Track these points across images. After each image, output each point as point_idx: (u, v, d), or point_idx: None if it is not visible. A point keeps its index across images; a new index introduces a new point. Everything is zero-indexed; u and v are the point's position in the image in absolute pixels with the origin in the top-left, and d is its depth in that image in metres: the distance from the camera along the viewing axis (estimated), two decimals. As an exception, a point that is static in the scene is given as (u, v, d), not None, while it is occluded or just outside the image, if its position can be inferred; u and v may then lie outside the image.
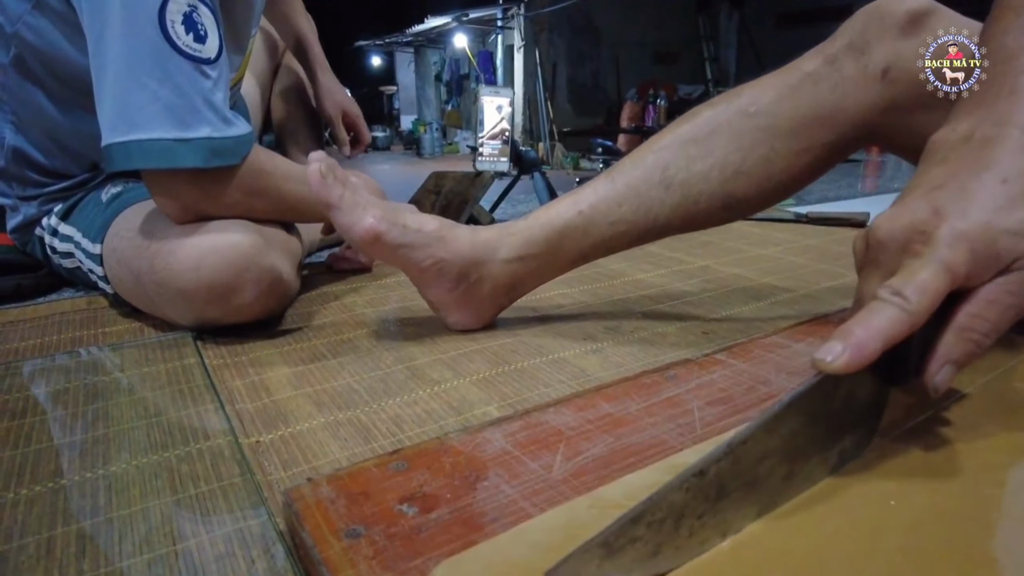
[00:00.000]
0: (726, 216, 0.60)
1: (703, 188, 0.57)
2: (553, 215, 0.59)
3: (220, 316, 0.60)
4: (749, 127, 0.56)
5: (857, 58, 0.53)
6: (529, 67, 7.91)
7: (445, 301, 0.61)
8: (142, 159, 0.56)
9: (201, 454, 0.42)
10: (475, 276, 0.59)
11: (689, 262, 0.90)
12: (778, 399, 0.39)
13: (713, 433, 0.37)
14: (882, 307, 0.29)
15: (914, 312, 0.29)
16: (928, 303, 0.29)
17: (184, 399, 0.50)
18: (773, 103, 0.56)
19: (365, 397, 0.50)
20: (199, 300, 0.58)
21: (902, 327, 0.29)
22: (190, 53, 0.57)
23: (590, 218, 0.58)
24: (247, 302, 0.60)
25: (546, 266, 0.61)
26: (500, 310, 0.64)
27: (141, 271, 0.60)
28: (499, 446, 0.36)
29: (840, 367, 0.28)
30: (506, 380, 0.52)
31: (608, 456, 0.35)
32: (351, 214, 0.55)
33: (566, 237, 0.59)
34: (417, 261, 0.57)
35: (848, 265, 0.87)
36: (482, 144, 1.07)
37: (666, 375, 0.46)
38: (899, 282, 0.30)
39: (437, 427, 0.45)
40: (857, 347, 0.28)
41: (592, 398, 0.42)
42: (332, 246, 0.99)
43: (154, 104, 0.55)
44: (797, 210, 1.28)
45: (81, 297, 0.76)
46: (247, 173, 0.62)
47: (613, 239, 0.59)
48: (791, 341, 0.52)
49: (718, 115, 0.57)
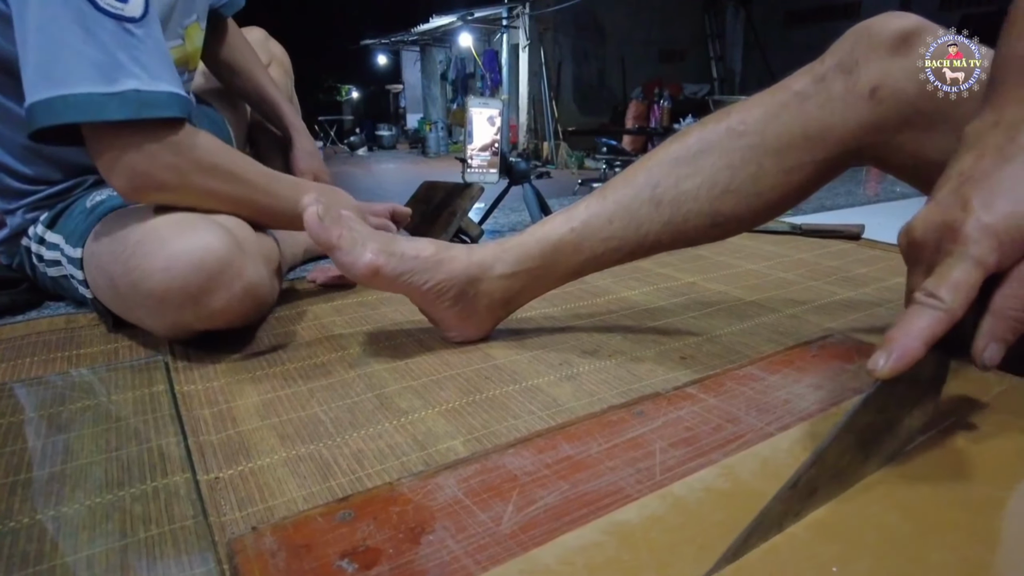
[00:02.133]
0: (716, 233, 0.60)
1: (692, 206, 0.58)
2: (547, 231, 0.61)
3: (193, 321, 0.60)
4: (738, 146, 0.56)
5: (845, 77, 0.53)
6: (534, 66, 7.89)
7: (445, 317, 0.63)
8: (67, 113, 0.54)
9: (157, 493, 0.41)
10: (472, 293, 0.61)
11: (677, 278, 0.88)
12: (745, 440, 0.39)
13: (673, 479, 0.36)
14: (920, 310, 0.33)
15: (950, 309, 0.32)
16: (963, 298, 0.32)
17: (148, 431, 0.49)
18: (761, 122, 0.56)
19: (330, 429, 0.49)
20: (171, 303, 0.57)
21: (941, 325, 0.32)
22: (112, 11, 0.55)
23: (582, 234, 0.60)
24: (219, 307, 0.59)
25: (540, 280, 0.63)
26: (497, 322, 0.66)
27: (115, 274, 0.60)
28: (450, 494, 0.35)
29: (887, 373, 0.32)
30: (475, 410, 0.52)
31: (561, 506, 0.34)
32: (351, 253, 0.56)
33: (559, 253, 0.60)
34: (417, 286, 0.59)
35: (838, 282, 0.86)
36: (471, 155, 1.06)
37: (634, 411, 0.45)
38: (933, 284, 0.33)
39: (399, 463, 0.44)
40: (900, 353, 0.32)
41: (554, 438, 0.41)
42: (317, 259, 0.99)
43: (78, 61, 0.54)
44: (792, 220, 1.26)
45: (60, 316, 0.75)
46: (190, 140, 0.60)
47: (605, 255, 0.61)
48: (766, 373, 0.51)
49: (707, 135, 0.58)
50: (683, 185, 0.57)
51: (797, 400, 0.46)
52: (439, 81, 10.90)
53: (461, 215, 1.05)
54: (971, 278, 0.32)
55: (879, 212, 1.42)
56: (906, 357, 0.32)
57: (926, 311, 0.33)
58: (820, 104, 0.54)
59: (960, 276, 0.32)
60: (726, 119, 0.58)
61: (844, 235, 1.14)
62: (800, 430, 0.40)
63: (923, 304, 0.33)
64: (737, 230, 0.61)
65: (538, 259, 0.61)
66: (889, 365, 0.32)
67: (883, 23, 0.53)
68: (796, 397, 0.47)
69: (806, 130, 0.54)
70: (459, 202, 1.07)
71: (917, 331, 0.32)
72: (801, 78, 0.56)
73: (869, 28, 0.53)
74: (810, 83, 0.55)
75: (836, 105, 0.53)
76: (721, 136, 0.57)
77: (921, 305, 0.33)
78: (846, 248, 1.07)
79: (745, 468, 0.35)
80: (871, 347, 0.57)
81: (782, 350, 0.56)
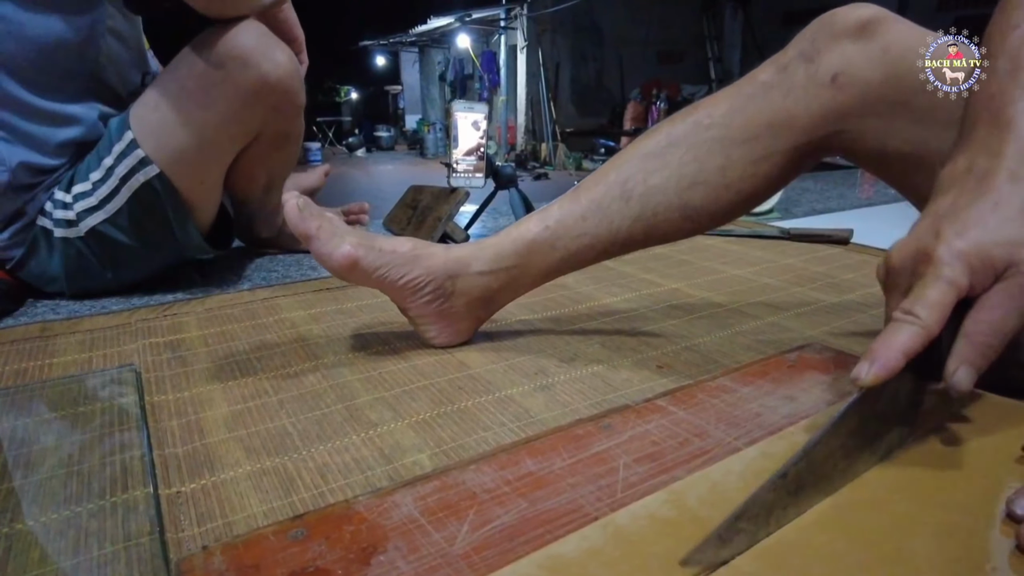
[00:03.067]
0: (688, 227, 0.61)
1: (661, 199, 0.59)
2: (522, 230, 0.62)
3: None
4: (705, 138, 0.58)
5: (807, 66, 0.55)
6: (532, 67, 7.89)
7: (424, 315, 0.63)
8: None
9: (115, 508, 0.41)
10: (450, 290, 0.61)
11: (660, 284, 0.88)
12: (711, 455, 0.38)
13: (633, 497, 0.36)
14: (898, 327, 0.35)
15: (926, 326, 0.34)
16: (937, 316, 0.34)
17: (113, 443, 0.48)
18: (727, 114, 0.58)
19: (297, 442, 0.48)
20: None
21: (918, 340, 0.34)
22: None
23: (556, 232, 0.61)
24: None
25: (517, 280, 0.63)
26: (479, 324, 0.66)
27: (195, 89, 0.79)
28: (406, 512, 0.35)
29: (870, 381, 0.34)
30: (446, 422, 0.51)
31: (517, 525, 0.34)
32: (329, 243, 0.57)
33: (534, 251, 0.62)
34: (392, 280, 0.60)
35: (823, 288, 0.86)
36: (457, 160, 1.06)
37: (601, 424, 0.44)
38: (909, 303, 0.35)
39: (362, 478, 0.44)
40: (882, 363, 0.34)
41: (518, 453, 0.41)
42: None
43: None
44: (782, 224, 1.26)
45: (36, 323, 0.75)
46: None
47: (580, 252, 0.62)
48: (739, 385, 0.50)
49: (675, 129, 0.60)
50: (651, 180, 0.59)
51: (768, 413, 0.46)
52: (437, 82, 10.89)
53: (446, 220, 1.05)
54: (945, 298, 0.35)
55: (870, 215, 1.41)
56: (887, 367, 0.34)
57: (904, 327, 0.35)
58: (784, 93, 0.55)
59: (934, 295, 0.35)
60: (693, 113, 0.60)
61: (833, 240, 1.13)
62: (756, 450, 0.40)
63: (902, 321, 0.35)
64: (710, 224, 0.61)
65: (514, 257, 0.62)
66: (872, 373, 0.34)
67: (845, 13, 0.54)
68: (767, 410, 0.46)
69: (771, 119, 0.56)
70: (444, 207, 1.06)
71: (897, 344, 0.34)
72: (766, 68, 0.58)
73: (831, 17, 0.55)
74: (774, 73, 0.57)
75: (799, 93, 0.55)
76: (688, 130, 0.59)
77: (900, 322, 0.35)
78: (834, 253, 1.07)
79: (693, 493, 0.35)
80: (849, 357, 0.56)
81: (757, 360, 0.56)
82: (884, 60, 0.52)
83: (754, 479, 0.35)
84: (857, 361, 0.35)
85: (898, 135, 0.53)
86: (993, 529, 0.31)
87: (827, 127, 0.55)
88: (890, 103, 0.52)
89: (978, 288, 0.35)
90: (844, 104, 0.54)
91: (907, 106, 0.52)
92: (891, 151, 0.54)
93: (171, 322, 0.74)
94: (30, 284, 0.83)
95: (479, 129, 1.07)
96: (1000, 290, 0.35)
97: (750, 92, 0.57)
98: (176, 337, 0.70)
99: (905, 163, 0.54)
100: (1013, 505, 0.31)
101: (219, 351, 0.66)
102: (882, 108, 0.53)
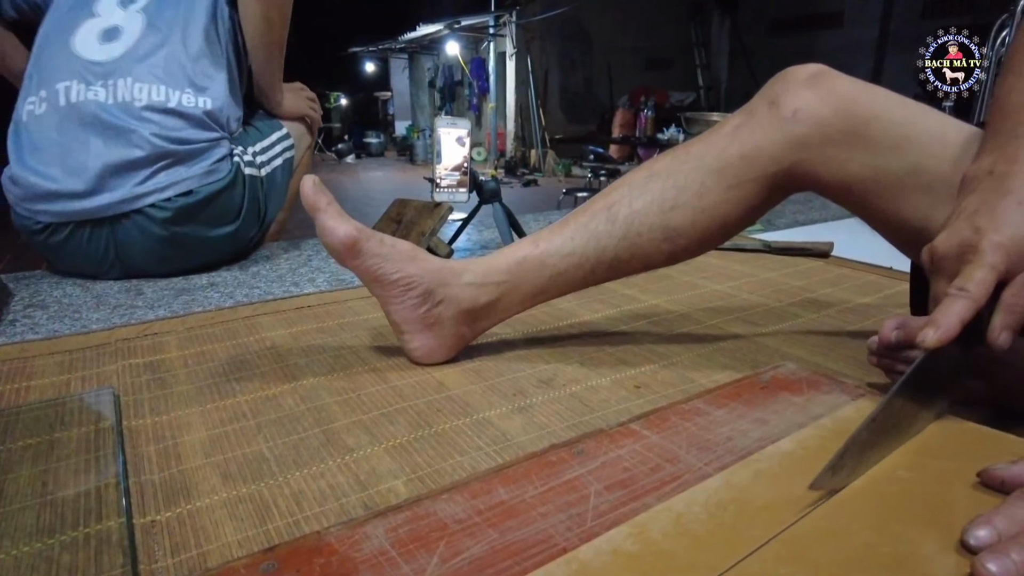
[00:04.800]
0: (668, 248, 0.65)
1: (644, 220, 0.64)
2: (513, 249, 0.67)
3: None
4: (683, 169, 0.64)
5: (771, 107, 0.62)
6: (521, 74, 7.92)
7: (410, 320, 0.63)
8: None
9: (88, 539, 0.41)
10: (439, 297, 0.63)
11: (641, 300, 0.89)
12: (682, 481, 0.39)
13: (603, 526, 0.36)
14: (954, 300, 0.42)
15: (976, 299, 0.42)
16: (984, 292, 0.42)
17: (89, 471, 0.48)
18: (703, 149, 0.64)
19: (274, 468, 0.49)
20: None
21: (969, 310, 0.42)
22: None
23: (546, 250, 0.65)
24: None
25: (506, 295, 0.66)
26: (461, 343, 0.67)
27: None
28: (377, 544, 0.35)
29: (933, 343, 0.41)
30: (423, 446, 0.51)
31: (486, 557, 0.34)
32: (335, 219, 0.60)
33: (524, 268, 0.65)
34: (387, 273, 0.61)
35: (801, 305, 0.87)
36: (441, 176, 1.06)
37: (575, 450, 0.45)
38: (962, 281, 0.43)
39: (337, 505, 0.44)
40: (945, 328, 0.41)
41: (490, 482, 0.41)
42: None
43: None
44: (764, 237, 1.27)
45: (15, 344, 0.74)
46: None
47: (568, 271, 0.65)
48: (712, 407, 0.51)
49: (656, 165, 0.66)
50: (635, 204, 0.64)
51: (740, 437, 0.46)
52: (427, 88, 10.90)
53: (430, 234, 1.05)
54: (989, 277, 0.42)
55: (851, 227, 1.43)
56: (949, 331, 0.41)
57: (959, 300, 0.42)
58: (751, 130, 0.63)
59: (981, 276, 0.42)
60: (671, 153, 0.67)
61: (813, 253, 1.14)
62: (720, 479, 0.40)
63: (955, 296, 0.42)
64: (688, 247, 0.65)
65: (504, 273, 0.65)
66: (936, 336, 0.41)
67: (798, 69, 0.63)
68: (739, 434, 0.47)
69: (742, 152, 0.62)
70: (428, 221, 1.07)
71: (954, 312, 0.41)
72: (736, 116, 0.65)
73: (787, 73, 0.64)
74: (743, 117, 0.64)
75: (765, 128, 0.62)
76: (668, 164, 0.65)
77: (954, 296, 0.42)
78: (814, 266, 1.08)
79: (657, 526, 0.35)
80: (820, 378, 0.57)
81: (732, 382, 0.56)
82: (833, 98, 0.60)
83: (717, 509, 0.36)
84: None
85: (854, 161, 0.59)
86: (948, 559, 0.32)
87: (792, 155, 0.61)
88: (844, 132, 0.59)
89: (1012, 272, 0.43)
90: (804, 134, 0.60)
91: (858, 135, 0.59)
92: (850, 178, 0.60)
93: (151, 342, 0.74)
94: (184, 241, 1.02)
95: (463, 144, 1.07)
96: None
97: (723, 132, 0.64)
98: (156, 358, 0.70)
99: (864, 188, 0.60)
100: (967, 535, 0.32)
101: (199, 372, 0.66)
102: (837, 137, 0.60)
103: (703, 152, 0.64)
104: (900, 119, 0.58)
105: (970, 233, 0.44)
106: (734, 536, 0.34)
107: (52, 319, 0.83)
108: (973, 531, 0.31)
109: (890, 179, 0.58)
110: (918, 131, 0.58)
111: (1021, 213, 0.44)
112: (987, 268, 0.42)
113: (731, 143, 0.63)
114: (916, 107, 0.60)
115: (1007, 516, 0.32)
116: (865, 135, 0.59)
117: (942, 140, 0.58)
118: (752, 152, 0.62)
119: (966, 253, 0.44)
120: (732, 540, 0.34)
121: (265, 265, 1.11)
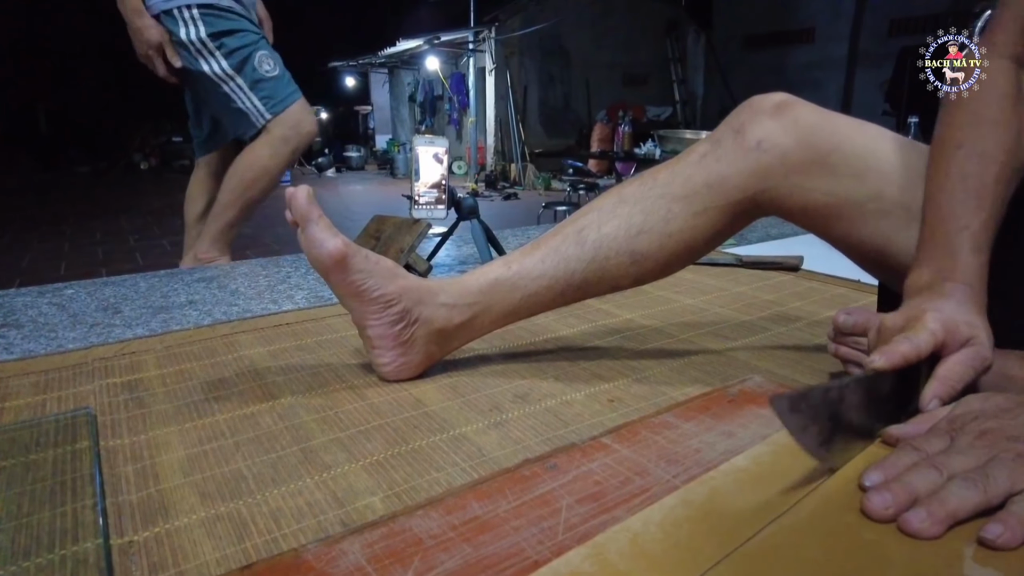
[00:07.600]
0: (635, 271, 0.67)
1: (612, 244, 0.66)
2: (486, 270, 0.68)
3: None
4: (650, 195, 0.66)
5: (736, 136, 0.64)
6: (500, 89, 7.98)
7: (385, 336, 0.64)
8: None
9: (64, 561, 0.41)
10: (415, 316, 0.65)
11: (615, 315, 0.90)
12: (650, 494, 0.40)
13: (573, 539, 0.37)
14: (900, 341, 0.47)
15: (918, 346, 0.47)
16: (925, 346, 0.47)
17: (65, 493, 0.49)
18: (669, 177, 0.66)
19: (252, 486, 0.49)
20: None
21: (913, 352, 0.47)
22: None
23: (517, 272, 0.67)
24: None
25: (478, 316, 0.67)
26: (430, 361, 0.68)
27: None
28: (353, 560, 0.36)
29: (881, 366, 0.46)
30: (399, 463, 0.52)
31: (459, 572, 0.35)
32: (325, 232, 0.61)
33: (496, 290, 0.67)
34: (368, 290, 0.62)
35: (771, 319, 0.89)
36: (419, 193, 1.08)
37: (547, 464, 0.46)
38: (907, 334, 0.48)
39: (315, 523, 0.45)
40: (889, 356, 0.46)
41: (464, 497, 0.42)
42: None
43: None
44: (736, 251, 1.30)
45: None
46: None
47: (538, 293, 0.67)
48: (681, 420, 0.53)
49: (624, 191, 0.68)
50: (604, 228, 0.66)
51: (707, 449, 0.48)
52: (408, 103, 10.93)
53: (408, 251, 1.06)
54: (930, 338, 0.48)
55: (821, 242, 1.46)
56: (892, 361, 0.46)
57: (905, 342, 0.47)
58: (716, 159, 0.64)
59: (924, 335, 0.48)
60: (639, 179, 0.68)
61: (784, 267, 1.17)
62: (676, 498, 0.41)
63: (902, 339, 0.48)
64: (654, 270, 0.67)
65: (477, 294, 0.66)
66: (882, 361, 0.46)
67: (763, 98, 0.65)
68: (707, 446, 0.48)
69: (707, 180, 0.64)
70: (407, 238, 1.08)
71: (899, 350, 0.47)
72: (702, 144, 0.67)
73: (753, 102, 0.65)
74: (709, 146, 0.66)
75: (730, 158, 0.64)
76: (636, 190, 0.67)
77: (900, 339, 0.48)
78: (785, 280, 1.11)
79: (614, 547, 0.36)
80: (786, 391, 0.59)
81: (701, 395, 0.58)
82: (795, 129, 0.62)
83: (673, 528, 0.37)
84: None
85: (817, 189, 0.62)
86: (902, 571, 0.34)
87: (756, 185, 0.63)
88: (806, 162, 0.61)
89: (948, 348, 0.49)
90: (768, 164, 0.62)
91: (819, 164, 0.61)
92: (812, 204, 0.63)
93: (129, 361, 0.74)
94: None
95: (440, 162, 1.09)
96: (965, 352, 0.49)
97: (689, 160, 0.66)
98: (134, 377, 0.70)
99: (827, 214, 0.63)
100: (863, 478, 0.40)
101: (177, 391, 0.66)
102: (800, 167, 0.62)
103: (670, 180, 0.65)
104: (860, 147, 0.61)
105: (915, 312, 0.50)
106: (689, 556, 0.35)
107: (27, 339, 0.83)
108: (867, 474, 0.40)
109: (851, 205, 0.61)
110: (877, 159, 0.61)
111: (959, 310, 0.50)
112: (928, 332, 0.48)
113: (697, 171, 0.64)
114: (876, 133, 0.63)
115: (891, 464, 0.41)
116: (826, 164, 0.61)
117: (901, 166, 0.60)
118: (717, 181, 0.63)
119: (911, 322, 0.50)
120: (687, 560, 0.35)
121: (244, 282, 1.11)
